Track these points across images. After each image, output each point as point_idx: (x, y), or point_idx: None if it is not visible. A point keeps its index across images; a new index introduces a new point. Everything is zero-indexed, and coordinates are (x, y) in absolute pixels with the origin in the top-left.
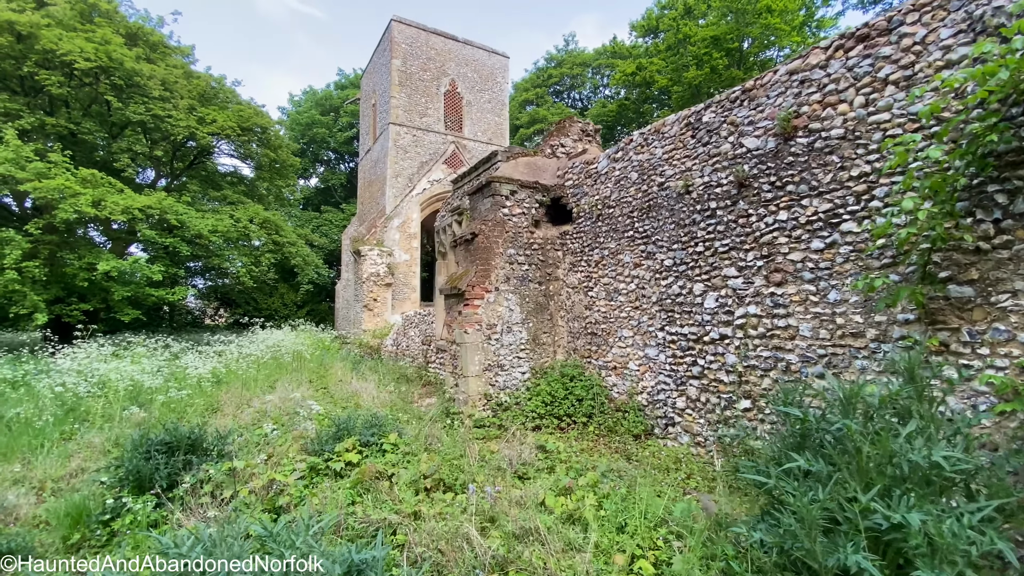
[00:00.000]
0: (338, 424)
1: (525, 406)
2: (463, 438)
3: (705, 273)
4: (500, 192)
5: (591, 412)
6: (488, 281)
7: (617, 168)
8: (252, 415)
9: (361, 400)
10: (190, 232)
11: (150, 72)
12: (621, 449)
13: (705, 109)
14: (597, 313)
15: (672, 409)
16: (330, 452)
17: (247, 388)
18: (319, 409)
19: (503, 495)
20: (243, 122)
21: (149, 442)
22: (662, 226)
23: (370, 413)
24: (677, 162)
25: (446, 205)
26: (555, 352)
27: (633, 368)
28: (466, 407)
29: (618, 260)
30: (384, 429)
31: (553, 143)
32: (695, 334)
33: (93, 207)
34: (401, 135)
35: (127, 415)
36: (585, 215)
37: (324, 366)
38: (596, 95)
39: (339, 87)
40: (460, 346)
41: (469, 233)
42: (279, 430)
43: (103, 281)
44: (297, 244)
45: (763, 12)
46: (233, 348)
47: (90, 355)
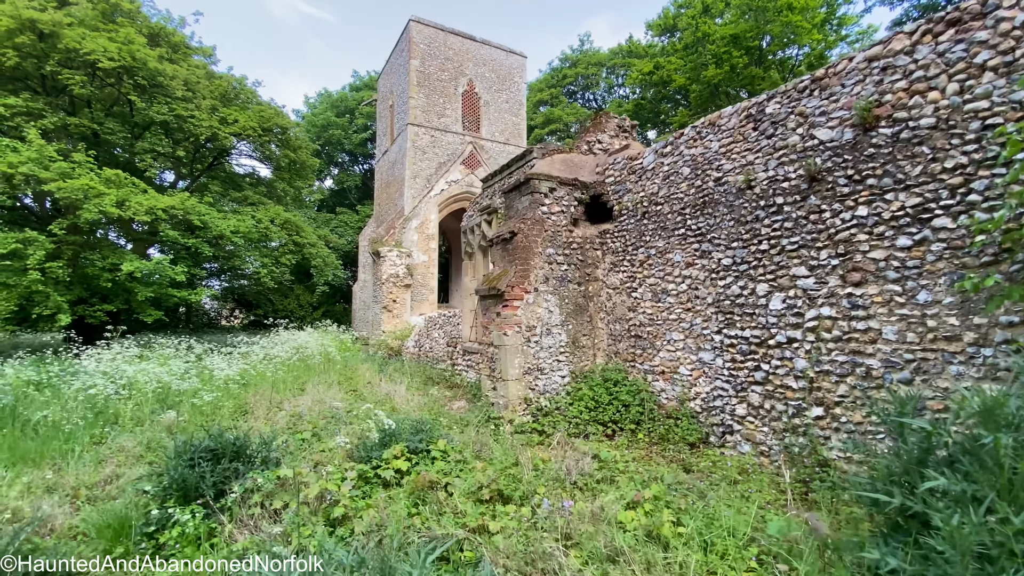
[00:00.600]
0: (384, 430)
1: (567, 411)
2: (511, 445)
3: (770, 272)
4: (539, 189)
5: (639, 419)
6: (527, 282)
7: (666, 163)
8: (287, 419)
9: (395, 403)
10: (212, 233)
11: (173, 72)
12: (677, 458)
13: (768, 100)
14: (642, 315)
15: (731, 416)
16: (378, 459)
17: (276, 390)
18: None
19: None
20: (264, 122)
21: (193, 449)
22: (719, 223)
23: (414, 418)
24: (736, 156)
25: (474, 204)
26: (595, 355)
27: (684, 373)
28: (506, 412)
29: (667, 259)
30: (431, 435)
31: (589, 139)
32: (758, 337)
33: (117, 207)
34: (419, 136)
35: (158, 419)
36: (628, 213)
37: (350, 368)
38: (610, 95)
39: (354, 89)
40: (499, 348)
41: (508, 232)
42: (316, 436)
43: (127, 282)
44: (317, 245)
45: (783, 9)
46: (257, 349)
47: (115, 356)
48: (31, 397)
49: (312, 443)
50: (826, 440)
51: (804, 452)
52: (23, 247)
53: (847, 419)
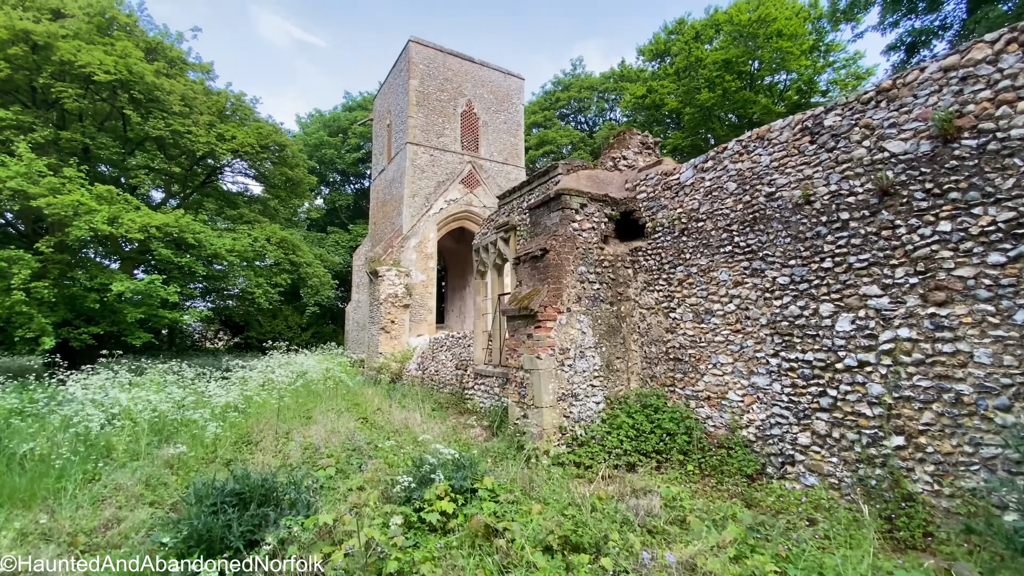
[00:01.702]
0: (419, 465)
1: (605, 441)
2: (557, 481)
3: (835, 292)
4: (570, 205)
5: (686, 448)
6: (560, 301)
7: (707, 178)
8: (300, 452)
9: (415, 433)
10: (207, 252)
11: (170, 87)
12: (735, 492)
13: (826, 112)
14: (682, 337)
15: (792, 446)
16: (419, 500)
17: (281, 419)
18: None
19: (656, 558)
20: (262, 139)
21: (216, 492)
22: (773, 240)
23: (453, 452)
24: (792, 170)
25: (488, 222)
26: (628, 380)
27: (734, 399)
28: (541, 442)
29: (711, 278)
30: (476, 471)
31: (615, 155)
32: (823, 361)
33: (109, 225)
34: (419, 155)
35: (157, 452)
36: (664, 230)
37: (353, 392)
38: (601, 118)
39: (347, 109)
40: (530, 373)
41: (538, 249)
42: (341, 472)
43: (115, 303)
44: (313, 264)
45: (773, 36)
46: (255, 374)
47: (103, 382)
48: (14, 428)
49: (337, 480)
50: (909, 472)
51: (883, 485)
52: (7, 266)
53: (934, 449)
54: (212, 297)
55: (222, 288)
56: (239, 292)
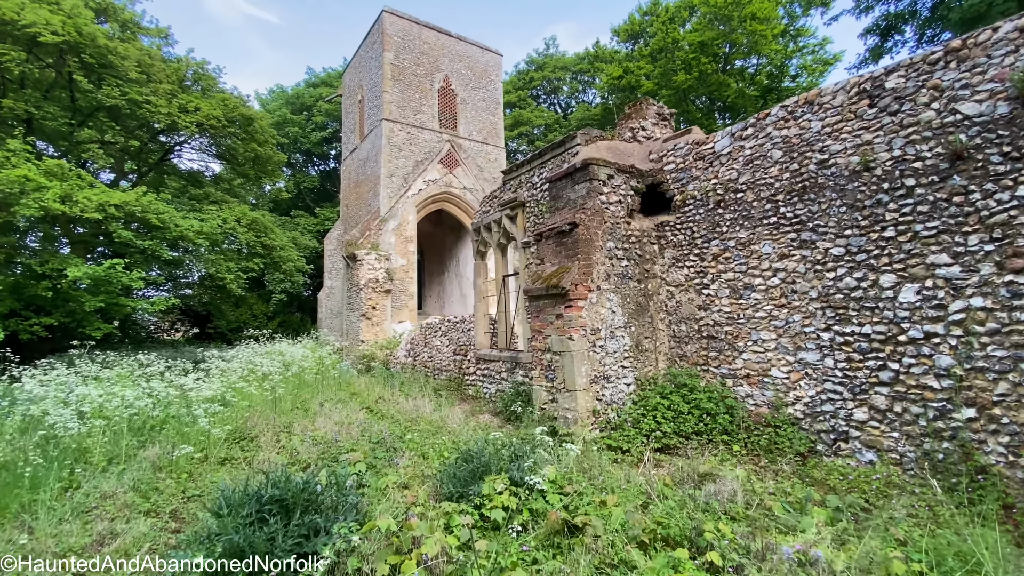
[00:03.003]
0: (464, 458)
1: (641, 424)
2: (611, 468)
3: (898, 262)
4: (598, 176)
5: (729, 428)
6: (590, 279)
7: (747, 147)
8: (312, 447)
9: (431, 420)
10: (172, 234)
11: (124, 52)
12: (791, 472)
13: (887, 74)
14: (716, 314)
15: (846, 422)
16: (476, 495)
17: (277, 411)
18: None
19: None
20: (228, 112)
21: (251, 499)
22: (825, 209)
23: (500, 441)
24: (848, 136)
25: (491, 199)
26: (657, 360)
27: (778, 375)
28: (576, 427)
29: (751, 251)
30: (533, 462)
31: (633, 126)
32: (883, 333)
33: (61, 203)
34: (395, 132)
35: (142, 455)
36: (696, 202)
37: (347, 382)
38: (574, 100)
39: (310, 85)
40: (561, 355)
41: (566, 223)
42: (372, 467)
43: (71, 290)
44: (287, 248)
45: (747, 19)
46: (236, 365)
47: (65, 378)
48: None
49: (368, 477)
50: (981, 444)
51: (952, 459)
52: None
53: (1009, 420)
54: (170, 285)
55: (180, 276)
56: (203, 278)
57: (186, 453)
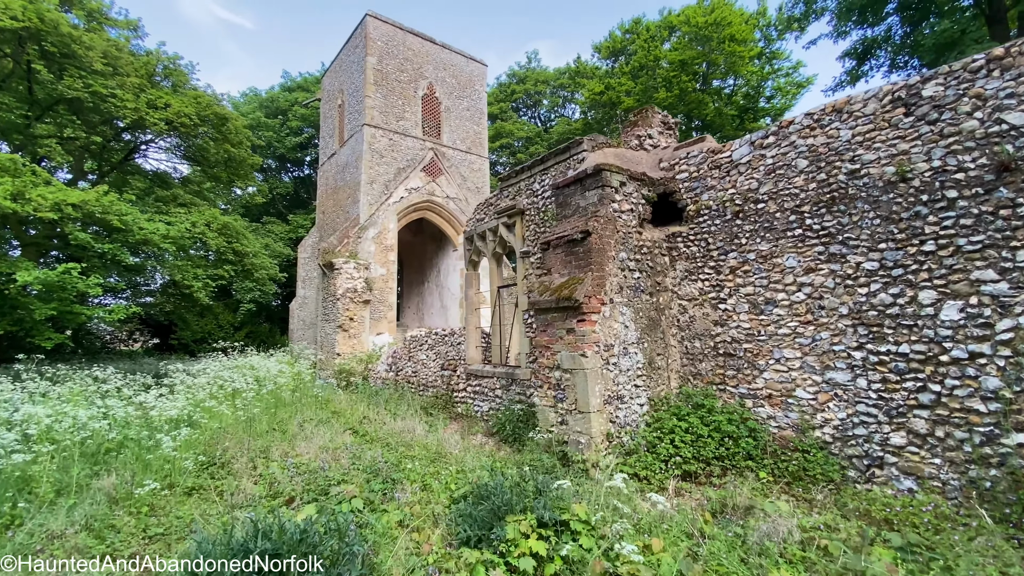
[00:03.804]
0: (480, 493)
1: (658, 448)
2: (644, 499)
3: (939, 277)
4: (610, 183)
5: (752, 453)
6: (603, 291)
7: (768, 156)
8: (295, 476)
9: (425, 444)
10: (135, 237)
11: (90, 41)
12: (826, 502)
13: (924, 82)
14: (734, 330)
15: (880, 447)
16: (499, 540)
17: (252, 434)
18: (516, 474)
19: None
20: (201, 110)
21: (237, 551)
22: (857, 222)
23: (515, 473)
24: (882, 145)
25: (486, 207)
26: (669, 378)
27: (804, 396)
28: (590, 452)
29: (773, 265)
30: (560, 497)
31: (639, 133)
32: (922, 353)
33: (12, 201)
34: (377, 138)
35: (96, 485)
36: (711, 212)
37: (326, 399)
38: (554, 114)
39: (286, 89)
40: (572, 373)
41: (577, 232)
42: (369, 504)
43: (20, 296)
44: (259, 255)
45: (727, 39)
46: (204, 380)
47: (10, 394)
48: None
49: (368, 516)
50: None
51: (1000, 487)
52: None
53: None
54: (128, 293)
55: (140, 283)
56: (166, 286)
57: (150, 489)
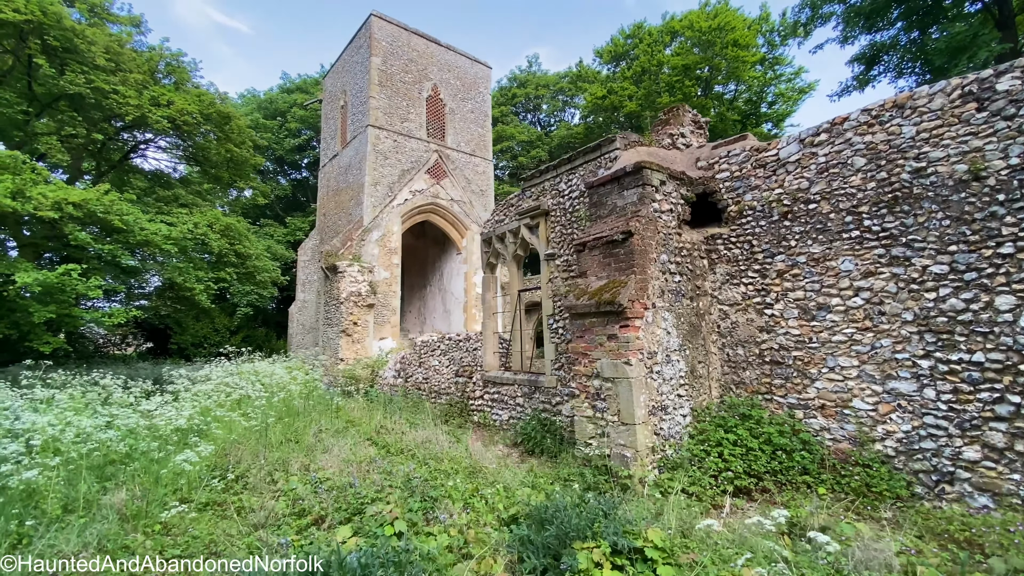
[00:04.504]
0: (539, 516)
1: (706, 462)
2: (697, 516)
3: (1019, 282)
4: (651, 181)
5: (808, 468)
6: (646, 295)
7: (820, 154)
8: (327, 494)
9: (453, 456)
10: (136, 238)
11: (92, 36)
12: (898, 519)
13: (997, 76)
14: (782, 337)
15: (951, 462)
16: (570, 570)
17: (265, 444)
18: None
19: None
20: (204, 109)
21: None
22: (923, 223)
23: (575, 493)
24: (951, 142)
25: (506, 207)
26: (710, 387)
27: (863, 407)
28: (636, 467)
29: (826, 268)
30: (631, 521)
31: (672, 132)
32: (999, 362)
33: (12, 199)
34: (381, 139)
35: (105, 500)
36: (756, 213)
37: (336, 407)
38: (554, 118)
39: (285, 91)
40: (614, 382)
41: (618, 232)
42: (413, 526)
43: (18, 298)
44: (262, 257)
45: (730, 44)
46: (209, 387)
47: (10, 402)
48: None
49: (414, 541)
50: None
51: None
52: None
53: None
54: (122, 296)
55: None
56: (163, 289)
57: (177, 512)
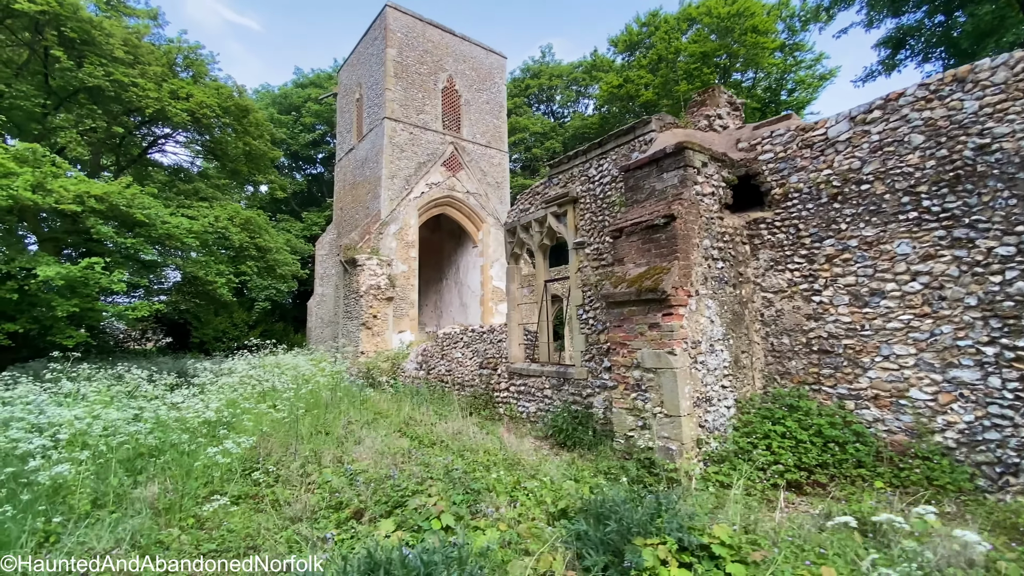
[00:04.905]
0: (594, 510)
1: (753, 455)
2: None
3: None
4: (692, 163)
5: (863, 460)
6: (689, 282)
7: (874, 132)
8: (365, 487)
9: (486, 448)
10: (159, 232)
11: (110, 28)
12: (958, 514)
13: None
14: (832, 324)
15: (1018, 453)
16: (635, 568)
17: (295, 436)
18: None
19: None
20: (222, 102)
21: None
22: (988, 202)
23: (625, 489)
24: (1016, 117)
25: (531, 195)
26: (754, 378)
27: (920, 397)
28: (681, 460)
29: (880, 252)
30: (692, 517)
31: (708, 113)
32: None
33: (33, 192)
34: (397, 131)
35: (136, 494)
36: (802, 196)
37: (362, 398)
38: (567, 109)
39: (299, 85)
40: (657, 373)
41: (659, 217)
42: (460, 520)
43: (41, 293)
44: (282, 251)
45: (749, 31)
46: (234, 379)
47: (34, 396)
48: None
49: (462, 534)
50: None
51: None
52: None
53: None
54: (141, 292)
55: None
56: (182, 283)
57: (221, 504)
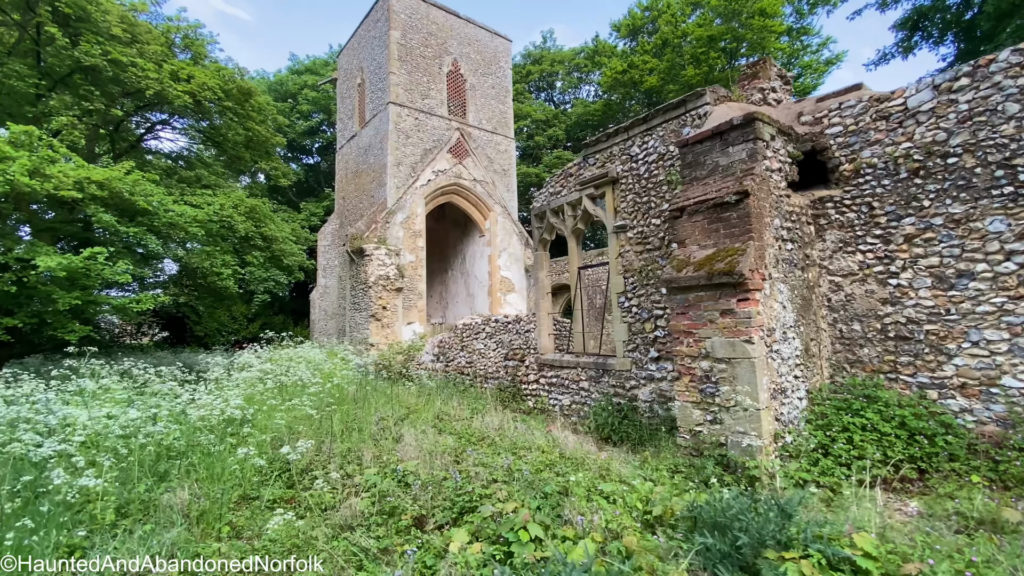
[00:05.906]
0: (711, 520)
1: (832, 450)
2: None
3: None
4: (762, 135)
5: (955, 453)
6: (763, 264)
7: (961, 101)
8: (423, 491)
9: (540, 445)
10: (162, 220)
11: (106, 4)
12: None
13: None
14: (911, 309)
15: None
16: None
17: (326, 433)
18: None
19: None
20: (224, 84)
21: None
22: None
23: (731, 492)
24: None
25: (564, 177)
26: (822, 367)
27: (1015, 385)
28: (762, 457)
29: (969, 230)
30: (824, 524)
31: (762, 87)
32: None
33: (30, 178)
34: (403, 117)
35: (164, 501)
36: (876, 172)
37: (386, 393)
38: (568, 96)
39: (294, 72)
40: (730, 363)
41: (730, 194)
42: (548, 532)
43: (40, 285)
44: (287, 241)
45: (756, 14)
46: (252, 374)
47: (40, 394)
48: None
49: (550, 547)
50: None
51: None
52: None
53: None
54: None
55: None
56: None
57: (286, 521)
